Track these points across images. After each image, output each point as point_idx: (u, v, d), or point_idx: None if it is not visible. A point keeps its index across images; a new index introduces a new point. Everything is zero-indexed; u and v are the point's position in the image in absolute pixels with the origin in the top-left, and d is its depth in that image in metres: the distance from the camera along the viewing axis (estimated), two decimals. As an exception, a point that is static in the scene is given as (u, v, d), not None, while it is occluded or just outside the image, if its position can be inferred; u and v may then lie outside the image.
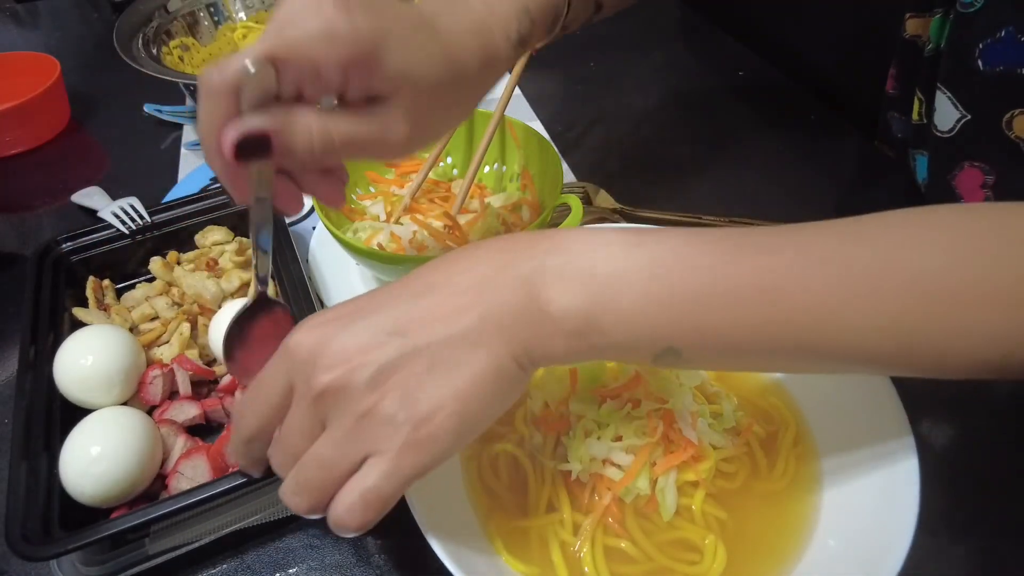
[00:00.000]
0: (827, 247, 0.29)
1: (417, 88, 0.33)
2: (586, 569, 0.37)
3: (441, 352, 0.28)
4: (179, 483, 0.43)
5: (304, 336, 0.30)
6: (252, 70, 0.29)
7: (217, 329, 0.50)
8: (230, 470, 0.43)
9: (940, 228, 0.29)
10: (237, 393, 0.48)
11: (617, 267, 0.29)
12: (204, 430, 0.48)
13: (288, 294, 0.52)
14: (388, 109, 0.32)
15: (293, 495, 0.30)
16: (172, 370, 0.48)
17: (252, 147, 0.30)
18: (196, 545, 0.42)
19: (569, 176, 0.71)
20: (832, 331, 0.29)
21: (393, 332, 0.29)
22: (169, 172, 0.75)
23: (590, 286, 0.29)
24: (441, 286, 0.30)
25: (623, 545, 0.38)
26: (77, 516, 0.41)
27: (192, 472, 0.43)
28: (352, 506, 0.29)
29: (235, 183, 0.32)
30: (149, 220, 0.58)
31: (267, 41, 0.29)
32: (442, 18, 0.34)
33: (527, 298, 0.29)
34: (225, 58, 0.29)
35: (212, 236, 0.59)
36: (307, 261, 0.61)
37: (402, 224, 0.58)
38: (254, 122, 0.30)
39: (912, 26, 0.61)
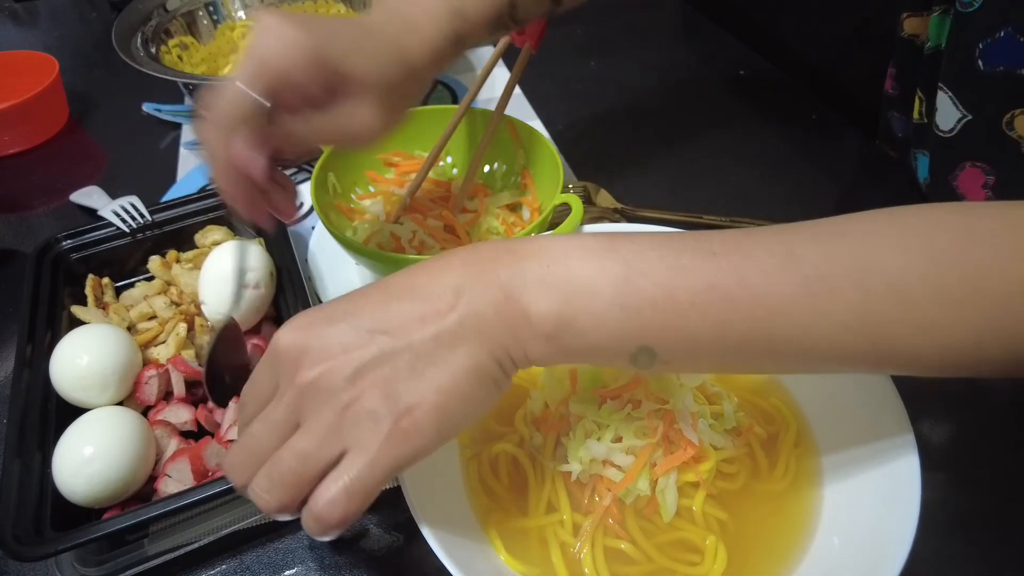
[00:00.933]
0: (790, 248, 0.30)
1: (372, 84, 0.40)
2: (586, 570, 0.37)
3: (422, 350, 0.29)
4: (166, 486, 0.43)
5: (289, 335, 0.30)
6: (268, 104, 0.36)
7: (207, 274, 0.51)
8: (211, 474, 0.43)
9: (906, 228, 0.30)
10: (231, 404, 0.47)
11: (590, 272, 0.30)
12: (201, 432, 0.48)
13: (288, 294, 0.52)
14: (353, 104, 0.40)
15: (264, 492, 0.30)
16: (168, 371, 0.48)
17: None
18: (195, 546, 0.42)
19: (569, 176, 0.71)
20: (798, 330, 0.30)
21: (375, 331, 0.30)
22: (167, 171, 0.75)
23: (565, 290, 0.30)
24: (422, 289, 0.31)
25: (623, 546, 0.37)
26: (71, 516, 0.41)
27: (178, 475, 0.43)
28: (334, 498, 0.28)
29: (248, 199, 0.39)
30: (150, 219, 0.58)
31: (262, 77, 0.36)
32: (380, 26, 0.41)
33: (505, 302, 0.30)
34: (224, 91, 0.37)
35: (212, 235, 0.58)
36: (307, 261, 0.61)
37: (402, 224, 0.58)
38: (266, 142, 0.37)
39: (910, 25, 0.61)
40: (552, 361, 0.32)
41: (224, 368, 0.45)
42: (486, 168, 0.65)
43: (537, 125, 0.79)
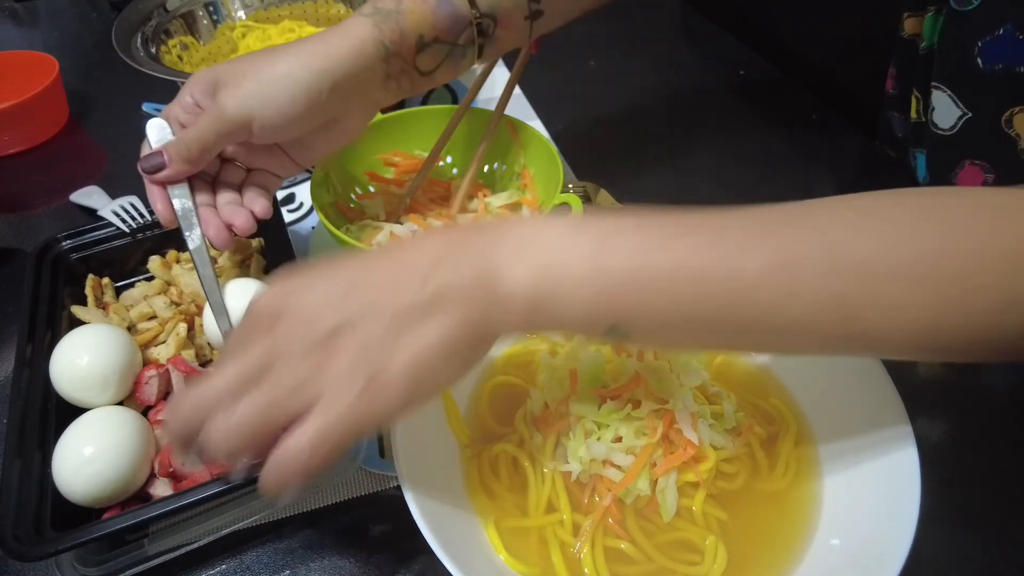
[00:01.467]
0: (757, 230, 0.31)
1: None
2: (586, 570, 0.37)
3: (397, 319, 0.30)
4: (155, 488, 0.43)
5: (267, 296, 0.31)
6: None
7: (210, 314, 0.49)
8: (211, 474, 0.43)
9: (867, 210, 0.31)
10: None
11: (562, 251, 0.31)
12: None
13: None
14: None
15: (219, 432, 0.29)
16: (168, 371, 0.48)
17: (153, 166, 0.44)
18: (195, 546, 0.42)
19: (569, 176, 0.71)
20: (768, 309, 0.30)
21: (355, 293, 0.31)
22: (168, 171, 0.75)
23: (538, 267, 0.31)
24: (401, 261, 0.32)
25: (623, 546, 0.38)
26: (71, 516, 0.41)
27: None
28: (301, 446, 0.29)
29: (160, 205, 0.45)
30: (149, 219, 0.58)
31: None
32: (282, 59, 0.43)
33: (479, 276, 0.31)
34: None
35: (211, 235, 0.58)
36: (307, 261, 0.61)
37: (402, 224, 0.58)
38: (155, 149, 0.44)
39: (910, 25, 0.61)
40: (525, 332, 0.33)
41: None
42: (486, 168, 0.65)
43: (537, 125, 0.79)
